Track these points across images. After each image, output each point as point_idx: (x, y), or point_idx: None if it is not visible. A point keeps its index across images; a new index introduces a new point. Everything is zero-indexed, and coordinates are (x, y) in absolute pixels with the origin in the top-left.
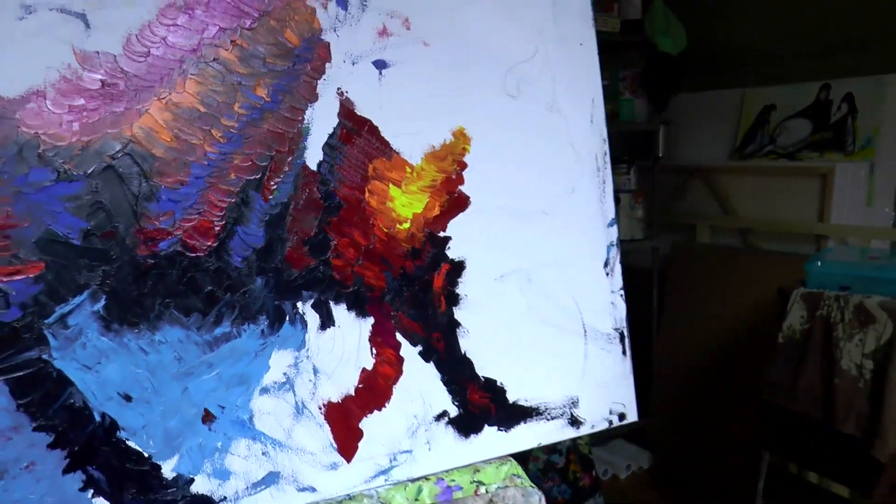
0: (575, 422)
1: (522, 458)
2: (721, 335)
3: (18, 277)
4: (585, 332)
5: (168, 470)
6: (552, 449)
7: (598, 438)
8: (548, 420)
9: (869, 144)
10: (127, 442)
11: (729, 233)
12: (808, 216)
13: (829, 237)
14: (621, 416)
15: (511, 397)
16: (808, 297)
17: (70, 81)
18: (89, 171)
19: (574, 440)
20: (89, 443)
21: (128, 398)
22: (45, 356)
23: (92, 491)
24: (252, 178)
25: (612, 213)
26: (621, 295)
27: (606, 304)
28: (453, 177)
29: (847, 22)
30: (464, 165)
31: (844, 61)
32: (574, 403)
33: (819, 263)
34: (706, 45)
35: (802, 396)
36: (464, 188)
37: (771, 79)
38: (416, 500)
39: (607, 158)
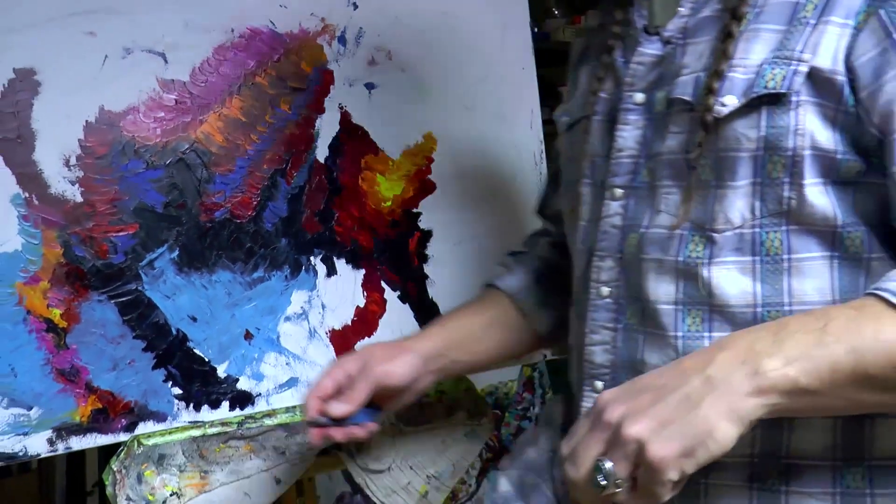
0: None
1: (496, 423)
2: None
3: (122, 233)
4: None
5: (221, 371)
6: (523, 416)
7: None
8: None
9: None
10: (193, 350)
11: None
12: None
13: None
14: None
15: None
16: None
17: (154, 100)
18: (167, 163)
19: (542, 407)
20: (169, 349)
21: (194, 319)
22: (139, 288)
23: (171, 383)
24: (279, 168)
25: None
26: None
27: None
28: (423, 168)
29: None
30: (431, 160)
31: None
32: None
33: None
34: None
35: None
36: (431, 177)
37: None
38: None
39: (543, 155)
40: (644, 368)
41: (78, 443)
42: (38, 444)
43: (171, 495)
